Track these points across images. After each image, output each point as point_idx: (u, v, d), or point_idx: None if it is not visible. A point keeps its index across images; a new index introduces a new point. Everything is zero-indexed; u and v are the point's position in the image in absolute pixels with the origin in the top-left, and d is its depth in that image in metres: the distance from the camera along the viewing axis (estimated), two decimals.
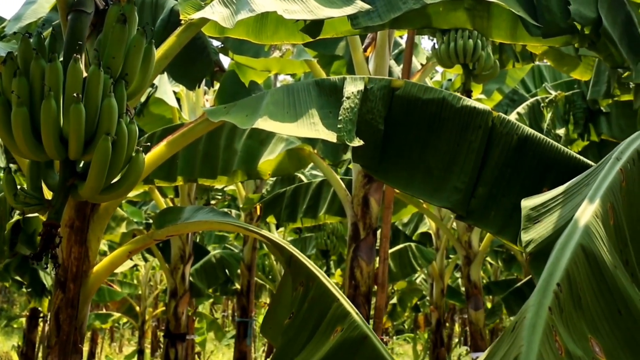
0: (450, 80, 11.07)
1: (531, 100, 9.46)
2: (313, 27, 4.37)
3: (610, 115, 9.13)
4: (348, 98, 3.94)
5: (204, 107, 6.71)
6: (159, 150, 3.88)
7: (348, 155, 9.08)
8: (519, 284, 13.74)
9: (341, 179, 7.79)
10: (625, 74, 6.04)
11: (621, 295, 1.93)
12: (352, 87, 4.01)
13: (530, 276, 13.85)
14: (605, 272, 1.94)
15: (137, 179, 3.32)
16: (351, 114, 3.88)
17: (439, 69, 11.37)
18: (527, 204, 2.61)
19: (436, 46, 6.91)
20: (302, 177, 12.41)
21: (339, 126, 3.83)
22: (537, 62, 10.32)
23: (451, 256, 16.09)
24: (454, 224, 12.31)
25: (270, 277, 18.51)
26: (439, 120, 3.94)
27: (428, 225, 14.09)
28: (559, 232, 2.32)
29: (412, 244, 13.48)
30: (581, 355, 1.72)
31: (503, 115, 3.92)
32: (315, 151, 7.78)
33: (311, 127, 3.91)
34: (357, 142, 3.83)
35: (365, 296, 6.82)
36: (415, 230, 14.56)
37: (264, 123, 3.81)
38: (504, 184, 3.84)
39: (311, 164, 9.59)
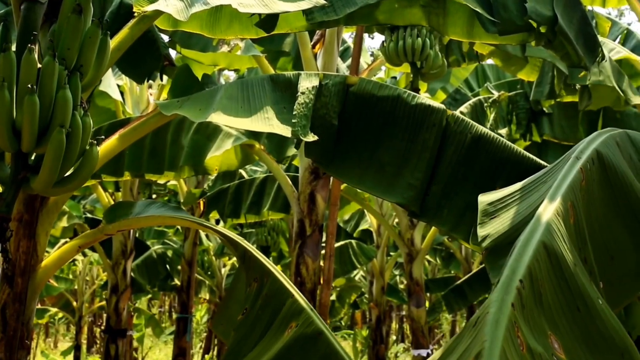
0: (394, 78, 11.12)
1: (474, 99, 9.54)
2: (267, 21, 4.34)
3: (552, 116, 9.25)
4: (303, 93, 3.93)
5: (156, 101, 6.62)
6: (110, 144, 3.82)
7: (292, 152, 9.05)
8: (459, 282, 13.85)
9: (286, 175, 7.77)
10: (582, 74, 6.12)
11: (580, 292, 1.94)
12: (307, 83, 4.00)
13: (470, 274, 14.00)
14: (566, 269, 1.96)
15: (90, 173, 3.27)
16: (306, 109, 3.87)
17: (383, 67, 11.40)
18: (484, 199, 2.63)
19: (385, 44, 6.91)
20: (244, 173, 12.35)
21: (293, 121, 3.83)
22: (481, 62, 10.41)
23: (391, 253, 16.18)
24: (396, 221, 12.36)
25: (209, 273, 18.40)
26: (394, 118, 3.95)
27: (369, 223, 14.13)
28: (515, 228, 2.34)
29: (353, 241, 13.52)
30: (542, 352, 1.73)
31: (457, 113, 3.94)
32: (263, 147, 7.75)
33: (265, 121, 3.90)
34: (312, 138, 3.82)
35: (310, 293, 6.81)
36: (356, 227, 14.60)
37: (218, 117, 3.78)
38: (457, 182, 3.86)
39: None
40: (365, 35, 9.90)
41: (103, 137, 3.66)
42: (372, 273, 14.92)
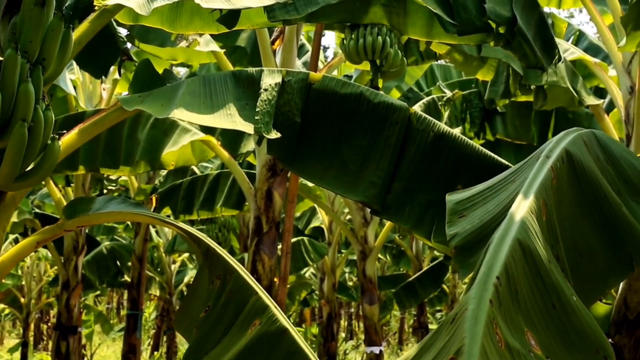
0: (349, 76, 11.13)
1: (427, 98, 9.60)
2: (229, 17, 4.32)
3: (505, 115, 9.33)
4: (266, 90, 3.92)
5: (117, 96, 6.56)
6: (70, 138, 3.76)
7: (246, 148, 9.02)
8: (410, 279, 13.93)
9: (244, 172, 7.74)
10: (539, 75, 6.17)
11: (555, 289, 1.96)
12: (270, 80, 3.99)
13: (421, 272, 14.09)
14: (541, 266, 1.97)
15: (52, 167, 3.23)
16: (269, 106, 3.86)
17: None
18: (451, 198, 2.64)
19: (345, 42, 6.91)
20: (195, 169, 12.28)
21: (256, 118, 3.81)
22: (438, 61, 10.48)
23: (343, 251, 16.21)
24: (348, 217, 12.39)
25: (159, 269, 18.28)
26: (356, 115, 3.95)
27: (321, 220, 14.14)
28: (484, 227, 2.36)
29: (305, 238, 13.52)
30: (519, 349, 1.74)
31: (420, 112, 3.96)
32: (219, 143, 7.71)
33: (228, 118, 3.88)
34: (274, 135, 3.81)
35: (267, 290, 6.77)
36: (308, 224, 14.60)
37: (180, 113, 3.76)
38: (419, 180, 3.87)
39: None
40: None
41: (64, 131, 3.60)
42: (322, 270, 14.92)
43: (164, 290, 18.60)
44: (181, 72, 18.85)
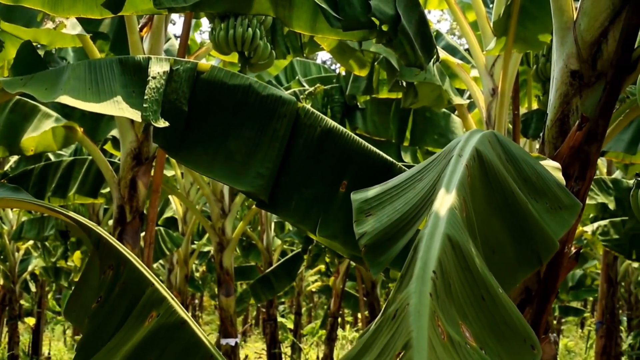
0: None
1: (289, 92, 9.67)
2: (114, 2, 4.22)
3: (365, 111, 9.49)
4: (154, 78, 3.87)
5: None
6: None
7: (105, 134, 8.84)
8: (266, 272, 13.98)
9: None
10: (417, 72, 6.31)
11: (483, 282, 2.02)
12: (158, 68, 3.94)
13: (276, 265, 14.17)
14: (469, 260, 2.03)
15: None
16: (157, 94, 3.82)
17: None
18: (357, 197, 2.66)
19: (214, 32, 6.87)
20: (50, 155, 11.91)
21: (144, 105, 3.77)
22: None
23: (196, 242, 16.12)
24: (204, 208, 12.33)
25: (2, 257, 17.64)
26: (244, 107, 3.95)
27: (174, 210, 14.01)
28: (394, 225, 2.40)
29: (162, 229, 13.35)
30: (459, 340, 1.79)
31: (308, 106, 3.99)
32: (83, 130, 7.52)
33: (114, 105, 3.82)
34: (163, 123, 3.78)
35: None
36: (161, 214, 14.44)
37: (66, 99, 3.67)
38: (306, 174, 3.90)
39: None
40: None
41: None
42: (171, 261, 14.77)
43: (7, 279, 17.96)
44: None
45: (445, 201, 2.17)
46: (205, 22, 20.12)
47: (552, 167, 2.85)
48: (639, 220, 8.48)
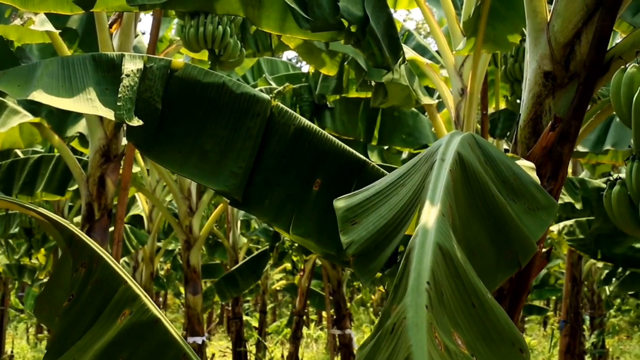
0: None
1: (257, 89, 9.64)
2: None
3: (334, 110, 9.52)
4: (128, 76, 3.85)
5: None
6: None
7: (72, 132, 8.78)
8: (232, 270, 13.95)
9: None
10: (385, 73, 6.32)
11: (473, 289, 2.04)
12: (132, 65, 3.92)
13: (241, 263, 14.14)
14: (459, 268, 2.05)
15: None
16: (130, 92, 3.81)
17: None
18: (340, 205, 2.64)
19: (184, 30, 6.86)
20: (19, 152, 11.80)
21: (118, 104, 3.75)
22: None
23: (162, 240, 16.05)
24: (175, 207, 12.28)
25: None
26: (218, 105, 3.93)
27: (140, 208, 13.94)
28: (381, 232, 2.40)
29: (127, 226, 13.28)
30: (455, 350, 1.81)
31: (282, 105, 3.99)
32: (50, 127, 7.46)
33: (88, 102, 3.80)
34: (137, 122, 3.76)
35: None
36: (127, 212, 14.36)
37: (39, 96, 3.65)
38: (279, 173, 3.90)
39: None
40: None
41: None
42: (136, 259, 14.71)
43: None
44: None
45: (433, 209, 2.18)
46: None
47: (527, 167, 2.88)
48: (606, 221, 8.60)
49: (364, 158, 3.97)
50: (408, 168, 2.70)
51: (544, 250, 3.60)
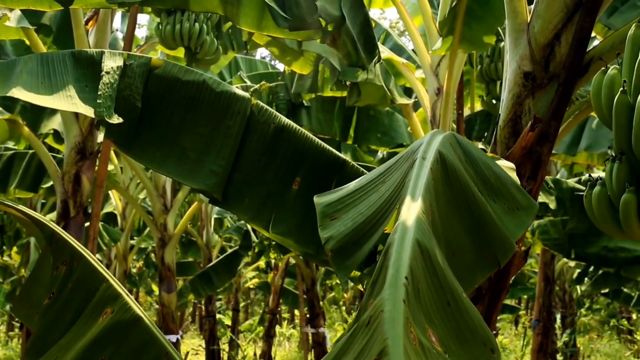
0: None
1: (234, 87, 9.62)
2: None
3: (310, 109, 9.52)
4: (107, 73, 3.84)
5: None
6: None
7: (47, 128, 8.72)
8: (206, 268, 13.93)
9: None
10: (359, 72, 6.32)
11: (450, 287, 2.06)
12: (112, 62, 3.90)
13: (216, 261, 14.12)
14: (437, 265, 2.06)
15: None
16: (110, 90, 3.79)
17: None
18: (320, 201, 2.66)
19: (161, 27, 6.84)
20: None
21: (98, 101, 3.73)
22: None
23: (135, 238, 15.97)
24: (148, 204, 12.22)
25: None
26: (198, 103, 3.93)
27: (114, 205, 13.88)
28: (359, 229, 2.42)
29: (100, 224, 13.21)
30: (429, 346, 1.82)
31: (262, 103, 3.99)
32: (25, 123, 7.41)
33: (68, 100, 3.78)
34: (117, 120, 3.75)
35: None
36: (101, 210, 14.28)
37: (19, 93, 3.63)
38: (259, 171, 3.90)
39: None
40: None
41: None
42: (109, 257, 14.63)
43: None
44: None
45: (413, 206, 2.20)
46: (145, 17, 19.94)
47: (508, 167, 2.91)
48: (580, 221, 8.68)
49: (344, 157, 3.98)
50: (389, 166, 2.72)
51: (522, 249, 3.63)
